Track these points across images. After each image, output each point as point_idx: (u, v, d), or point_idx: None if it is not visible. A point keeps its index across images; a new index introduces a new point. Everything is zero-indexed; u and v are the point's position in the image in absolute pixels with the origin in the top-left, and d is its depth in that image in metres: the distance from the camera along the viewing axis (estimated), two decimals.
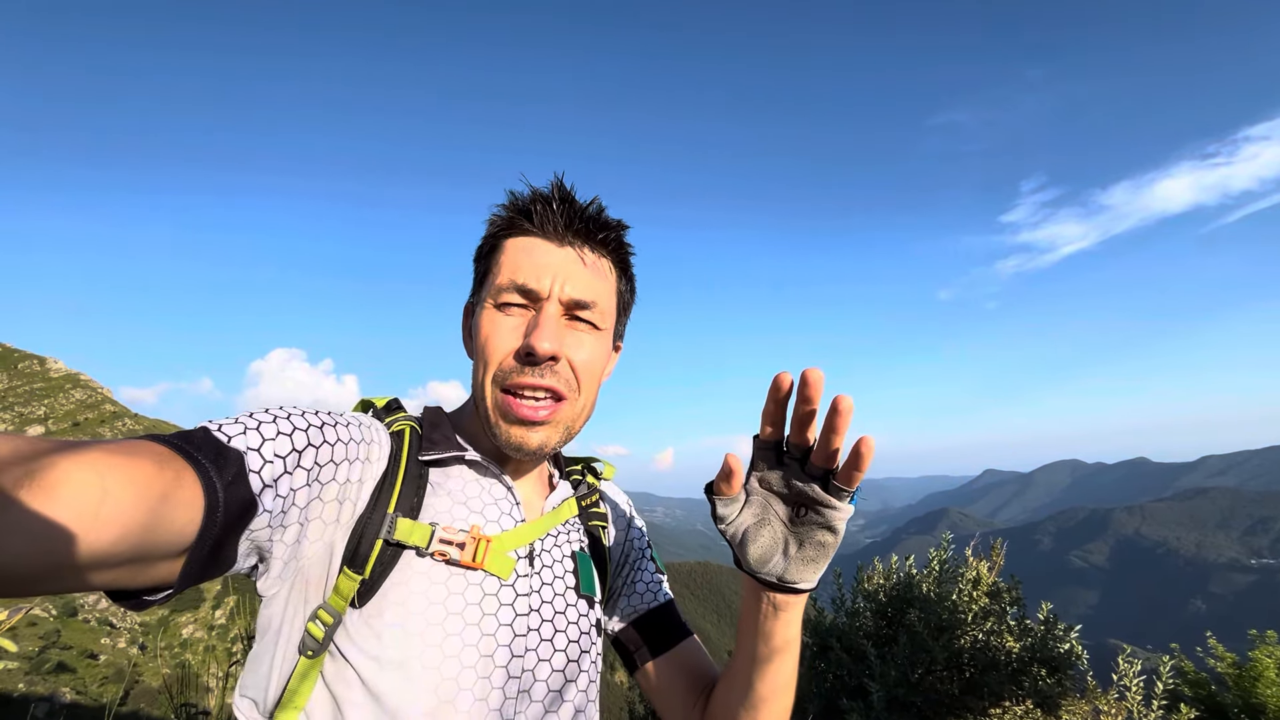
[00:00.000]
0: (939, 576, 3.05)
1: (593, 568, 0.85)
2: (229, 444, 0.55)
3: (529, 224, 0.77)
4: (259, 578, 0.64)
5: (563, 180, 0.78)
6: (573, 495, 0.89)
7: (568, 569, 0.82)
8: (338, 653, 0.64)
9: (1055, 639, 2.65)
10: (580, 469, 0.96)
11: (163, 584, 0.51)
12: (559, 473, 0.93)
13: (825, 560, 0.67)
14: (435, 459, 0.75)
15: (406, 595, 0.66)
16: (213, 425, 0.57)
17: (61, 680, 11.52)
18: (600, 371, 0.81)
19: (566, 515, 0.86)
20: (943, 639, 2.71)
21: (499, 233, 0.79)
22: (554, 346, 0.73)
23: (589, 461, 0.97)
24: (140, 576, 0.49)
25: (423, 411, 0.83)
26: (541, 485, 0.88)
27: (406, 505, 0.70)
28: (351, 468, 0.67)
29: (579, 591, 0.81)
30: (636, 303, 0.90)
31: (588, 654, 0.81)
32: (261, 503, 0.56)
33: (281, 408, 0.63)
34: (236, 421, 0.58)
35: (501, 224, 0.79)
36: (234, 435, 0.56)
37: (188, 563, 0.51)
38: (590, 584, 0.83)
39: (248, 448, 0.56)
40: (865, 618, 3.11)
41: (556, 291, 0.75)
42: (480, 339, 0.76)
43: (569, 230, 0.77)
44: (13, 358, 26.22)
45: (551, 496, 0.86)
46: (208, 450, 0.53)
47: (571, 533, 0.86)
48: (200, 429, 0.56)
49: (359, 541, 0.66)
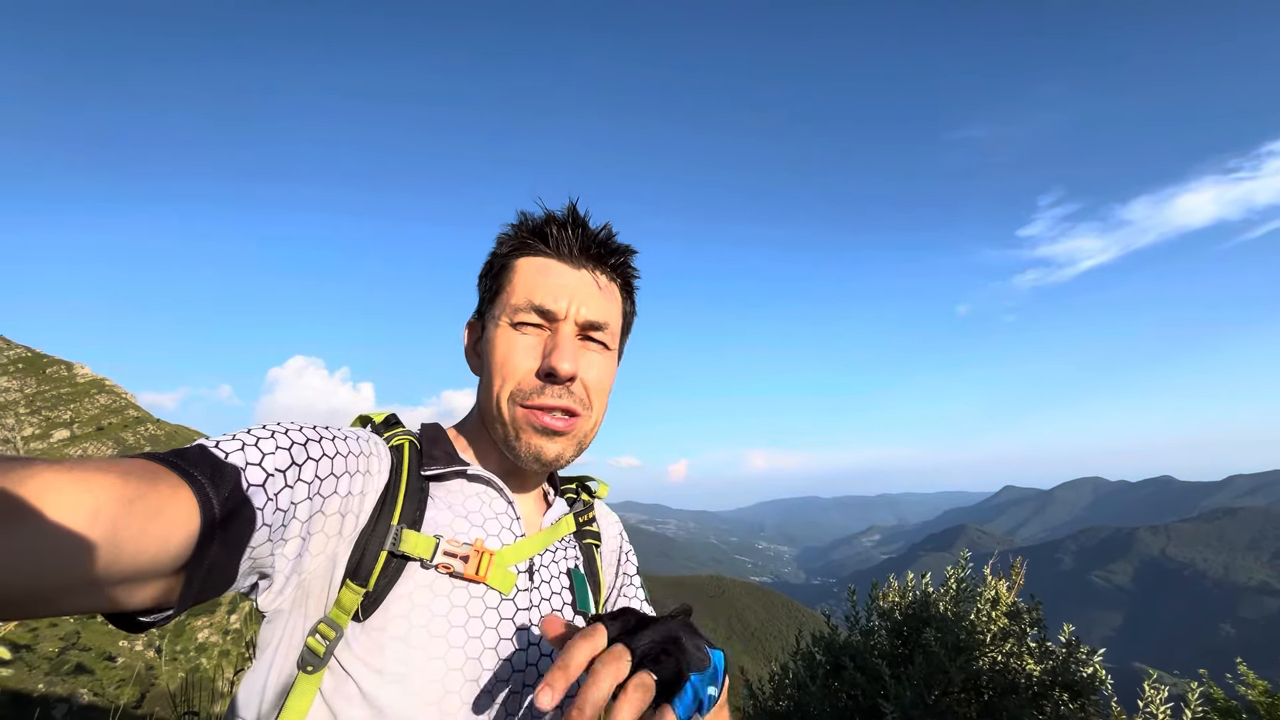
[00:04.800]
0: (956, 595, 2.99)
1: (587, 586, 0.86)
2: (226, 460, 0.55)
3: (544, 245, 0.79)
4: (260, 594, 0.63)
5: (576, 205, 0.80)
6: (570, 512, 0.90)
7: (565, 585, 0.82)
8: (338, 667, 0.64)
9: (1078, 662, 2.58)
10: (575, 487, 0.96)
11: (161, 604, 0.51)
12: (554, 490, 0.94)
13: None
14: (436, 473, 0.75)
15: (410, 608, 0.66)
16: (209, 442, 0.56)
17: (80, 682, 11.68)
18: (609, 389, 0.85)
19: (564, 531, 0.86)
20: (960, 660, 2.65)
21: (510, 252, 0.81)
22: (574, 368, 0.75)
23: (583, 480, 0.98)
24: (137, 597, 0.49)
25: (420, 428, 0.83)
26: (540, 502, 0.89)
27: (409, 518, 0.70)
28: (353, 480, 0.67)
29: (575, 608, 0.82)
30: (648, 313, 0.91)
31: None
32: (261, 516, 0.56)
33: (279, 423, 0.63)
34: (234, 438, 0.58)
35: (514, 244, 0.81)
36: (231, 451, 0.56)
37: (187, 581, 0.50)
38: (586, 601, 0.83)
39: (246, 463, 0.56)
40: (880, 636, 3.06)
41: (573, 313, 0.77)
42: (497, 357, 0.77)
43: (584, 253, 0.79)
44: (41, 363, 26.91)
45: (550, 513, 0.86)
46: (203, 466, 0.52)
47: (568, 549, 0.87)
48: (196, 446, 0.55)
49: (362, 554, 0.66)
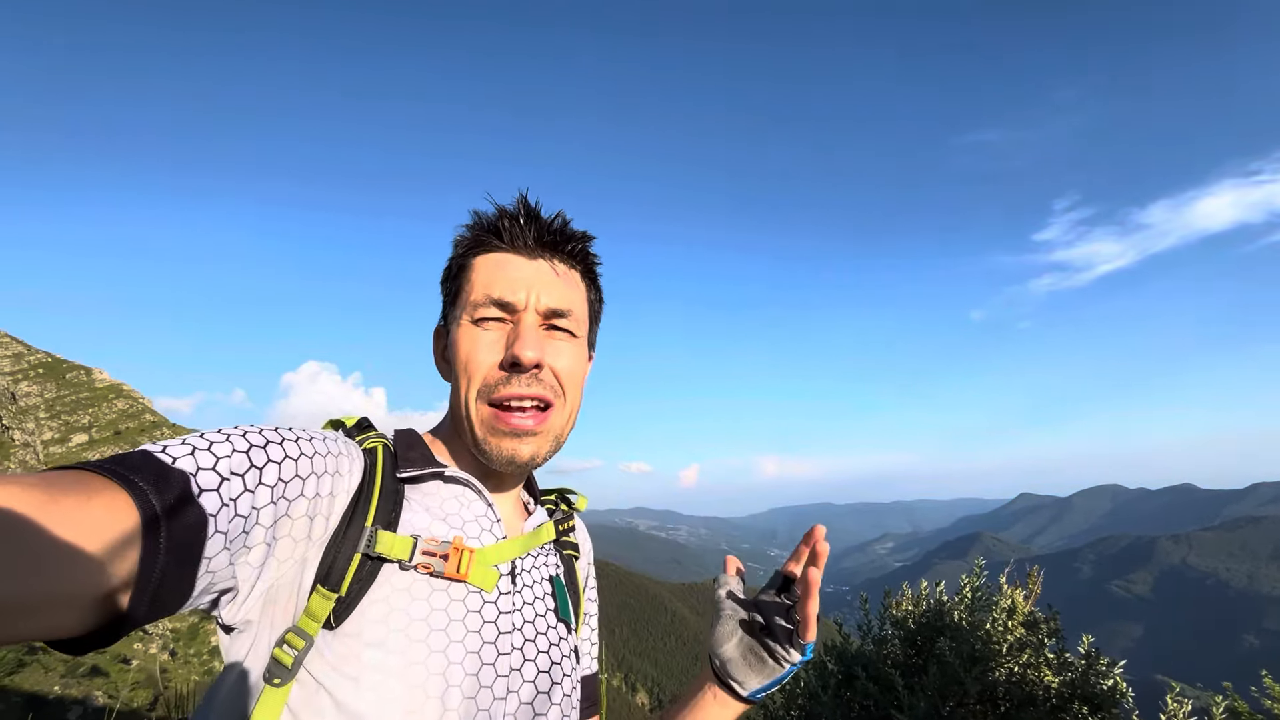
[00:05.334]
0: (971, 604, 2.93)
1: (568, 595, 0.85)
2: (173, 465, 0.51)
3: (498, 240, 0.78)
4: (224, 607, 0.59)
5: (527, 196, 0.79)
6: (549, 520, 0.88)
7: (547, 591, 0.81)
8: (309, 678, 0.60)
9: (1097, 674, 2.51)
10: (554, 498, 0.94)
11: (110, 624, 0.47)
12: (534, 500, 0.92)
13: (764, 678, 0.81)
14: (412, 475, 0.73)
15: (387, 612, 0.63)
16: (154, 448, 0.52)
17: (95, 684, 11.80)
18: (582, 377, 0.83)
19: (545, 538, 0.84)
20: (975, 670, 2.59)
21: (467, 251, 0.80)
22: (537, 354, 0.74)
23: (563, 492, 0.96)
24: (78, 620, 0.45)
25: (394, 433, 0.80)
26: (519, 508, 0.87)
27: (384, 520, 0.67)
28: (320, 481, 0.63)
29: (558, 615, 0.80)
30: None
31: (570, 677, 0.80)
32: (214, 524, 0.52)
33: (237, 426, 0.60)
34: (183, 442, 0.54)
35: (469, 243, 0.80)
36: (179, 456, 0.52)
37: (133, 598, 0.47)
38: (566, 610, 0.82)
39: (197, 467, 0.52)
40: (893, 645, 3.01)
41: (533, 302, 0.76)
42: (461, 356, 0.76)
43: (538, 244, 0.79)
44: (61, 368, 27.37)
45: (530, 519, 0.85)
46: (146, 473, 0.49)
47: (549, 557, 0.85)
48: (139, 451, 0.51)
49: (334, 558, 0.63)
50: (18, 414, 22.94)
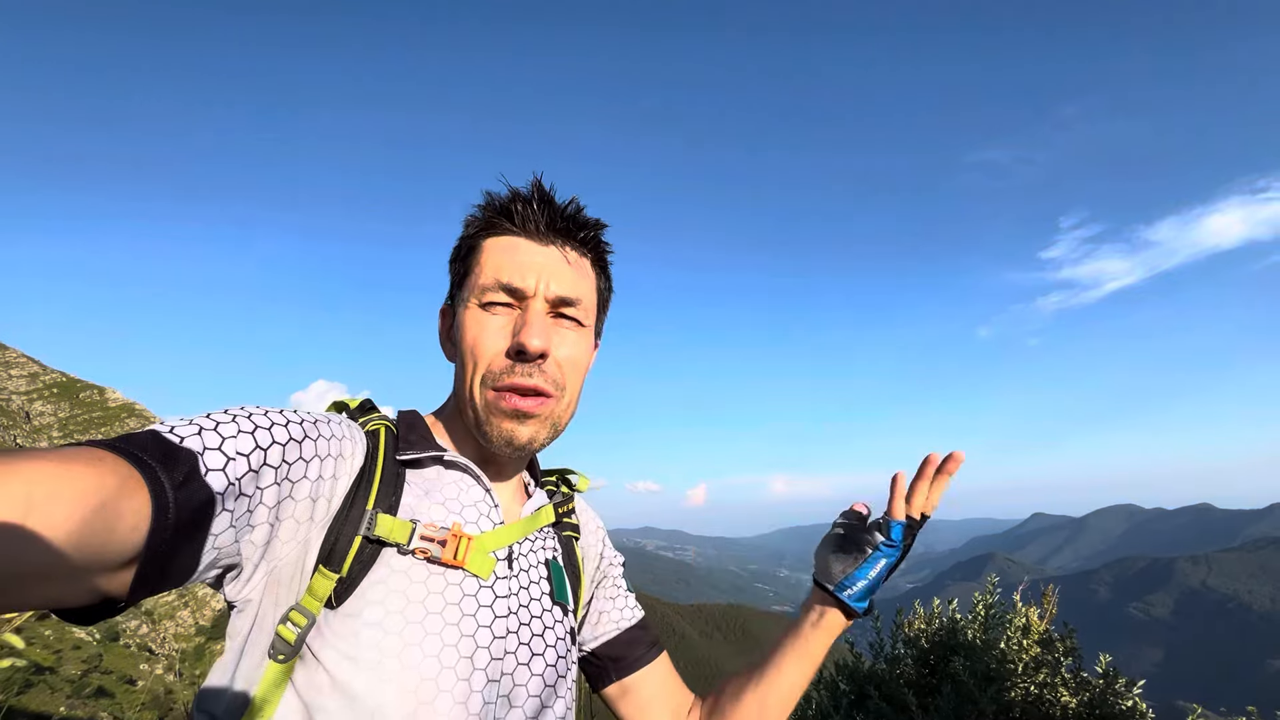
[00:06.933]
0: (985, 622, 2.89)
1: (565, 577, 0.85)
2: (181, 444, 0.52)
3: (510, 224, 0.77)
4: (228, 584, 0.61)
5: (541, 180, 0.78)
6: (549, 503, 0.88)
7: (543, 575, 0.81)
8: (310, 656, 0.62)
9: (1116, 695, 2.46)
10: (555, 480, 0.95)
11: (117, 596, 0.48)
12: (535, 482, 0.92)
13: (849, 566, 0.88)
14: (413, 459, 0.74)
15: (386, 594, 0.65)
16: (163, 427, 0.53)
17: (101, 705, 11.71)
18: (585, 367, 0.82)
19: (543, 521, 0.85)
20: (991, 690, 2.55)
21: (478, 233, 0.79)
22: (544, 344, 0.73)
23: (564, 473, 0.97)
24: (85, 590, 0.46)
25: (397, 415, 0.81)
26: (519, 491, 0.87)
27: (385, 503, 0.68)
28: (324, 464, 0.65)
29: (554, 599, 0.81)
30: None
31: (564, 659, 0.80)
32: (221, 502, 0.53)
33: (243, 407, 0.61)
34: (191, 423, 0.55)
35: (480, 224, 0.79)
36: (187, 436, 0.53)
37: (139, 572, 0.47)
38: (563, 593, 0.82)
39: (204, 448, 0.53)
40: (906, 665, 2.96)
41: (542, 290, 0.75)
42: (468, 339, 0.75)
43: (551, 229, 0.77)
44: (75, 387, 27.68)
45: (529, 503, 0.85)
46: (154, 452, 0.50)
47: (546, 540, 0.85)
48: (148, 431, 0.52)
49: (336, 539, 0.64)
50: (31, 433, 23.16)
